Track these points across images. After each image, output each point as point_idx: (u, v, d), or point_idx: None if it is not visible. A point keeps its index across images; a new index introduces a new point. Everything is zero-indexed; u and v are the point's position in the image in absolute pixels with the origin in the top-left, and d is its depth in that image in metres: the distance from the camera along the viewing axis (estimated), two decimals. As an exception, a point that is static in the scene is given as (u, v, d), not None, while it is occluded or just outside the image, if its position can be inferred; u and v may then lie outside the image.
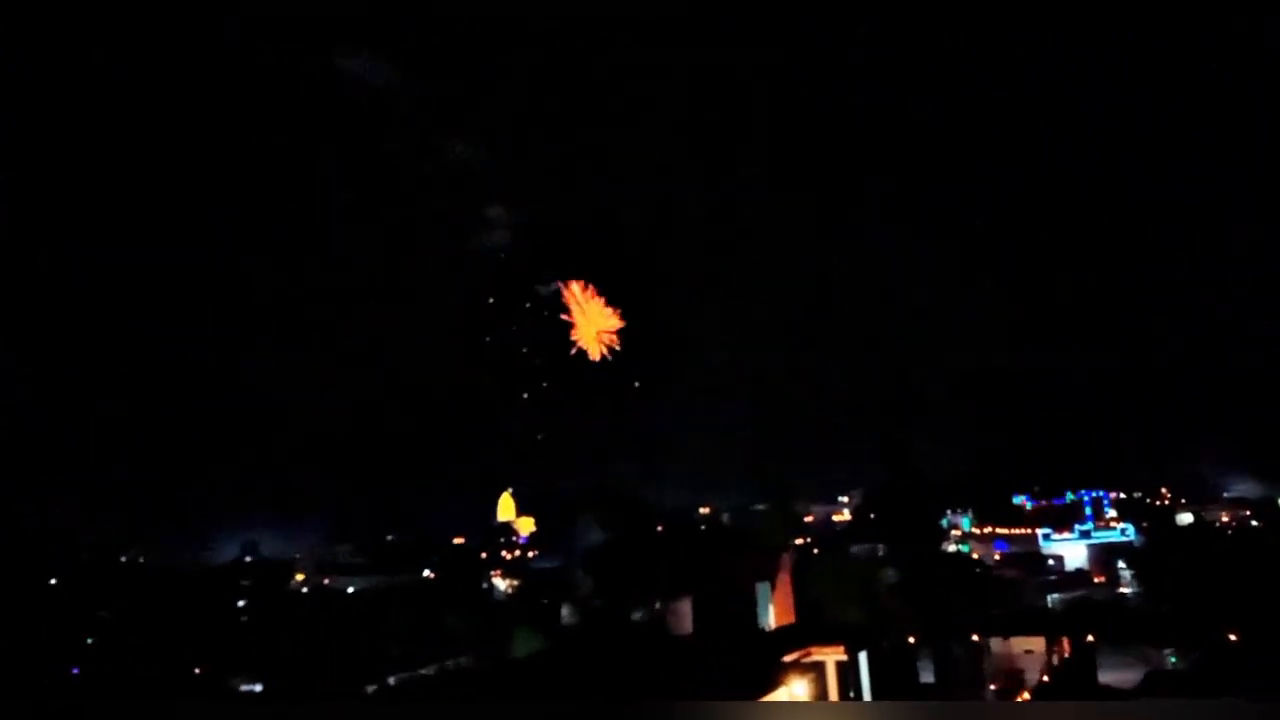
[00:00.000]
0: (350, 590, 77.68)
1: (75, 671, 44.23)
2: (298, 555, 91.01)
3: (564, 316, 64.48)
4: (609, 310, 66.30)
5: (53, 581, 57.44)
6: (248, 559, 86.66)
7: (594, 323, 65.13)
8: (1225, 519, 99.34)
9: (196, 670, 45.93)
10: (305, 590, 79.82)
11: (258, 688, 45.85)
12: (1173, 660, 47.57)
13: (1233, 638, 45.89)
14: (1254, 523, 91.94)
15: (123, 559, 69.31)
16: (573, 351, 63.63)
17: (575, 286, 62.06)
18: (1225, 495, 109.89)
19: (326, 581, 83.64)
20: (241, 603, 62.87)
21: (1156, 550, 72.72)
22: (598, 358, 63.05)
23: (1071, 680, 42.87)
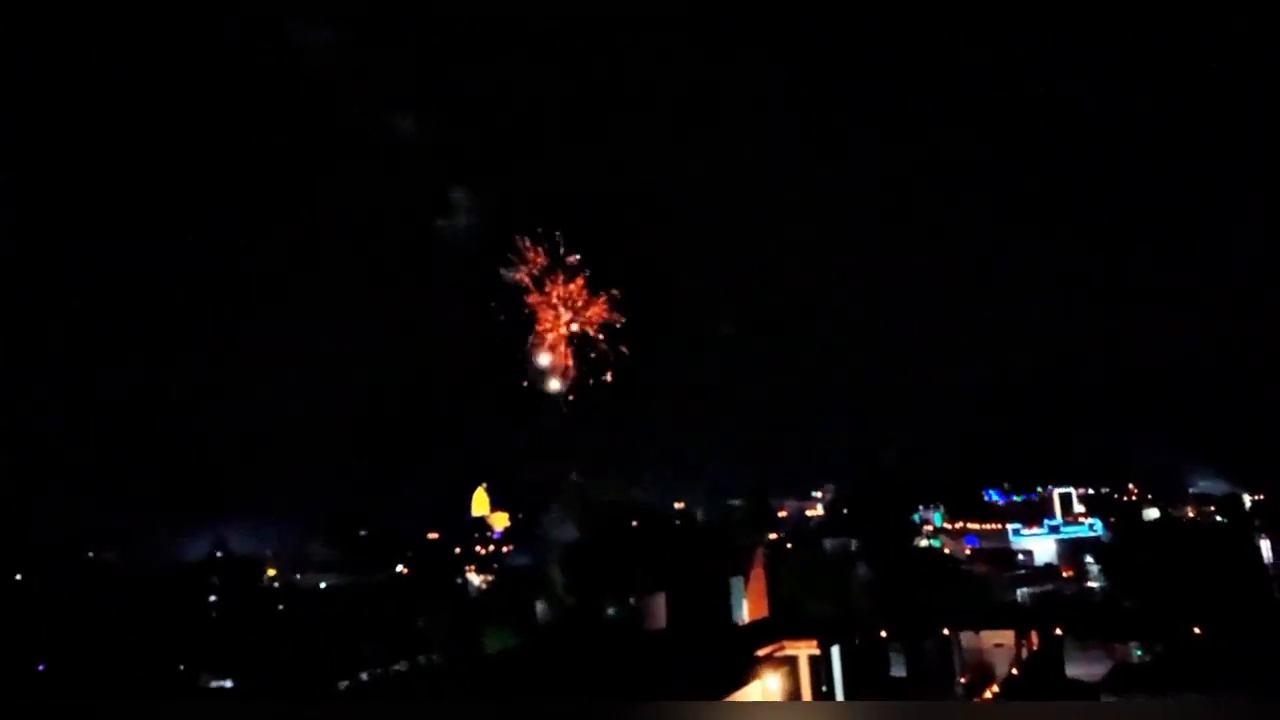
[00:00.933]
0: (323, 586, 77.19)
1: (41, 668, 43.62)
2: (269, 552, 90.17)
3: (530, 308, 63.01)
4: (589, 297, 64.90)
5: (18, 578, 56.61)
6: (218, 555, 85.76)
7: (568, 309, 63.53)
8: (1191, 515, 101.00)
9: (166, 666, 45.43)
10: (277, 587, 79.20)
11: (228, 684, 45.46)
12: (1138, 653, 48.29)
13: (1197, 631, 46.65)
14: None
15: (90, 555, 68.39)
16: (543, 347, 62.77)
17: (536, 258, 59.56)
18: (1191, 492, 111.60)
19: (298, 578, 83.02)
20: (212, 599, 62.33)
21: (1123, 545, 73.80)
22: (570, 361, 61.93)
23: (1040, 673, 43.35)
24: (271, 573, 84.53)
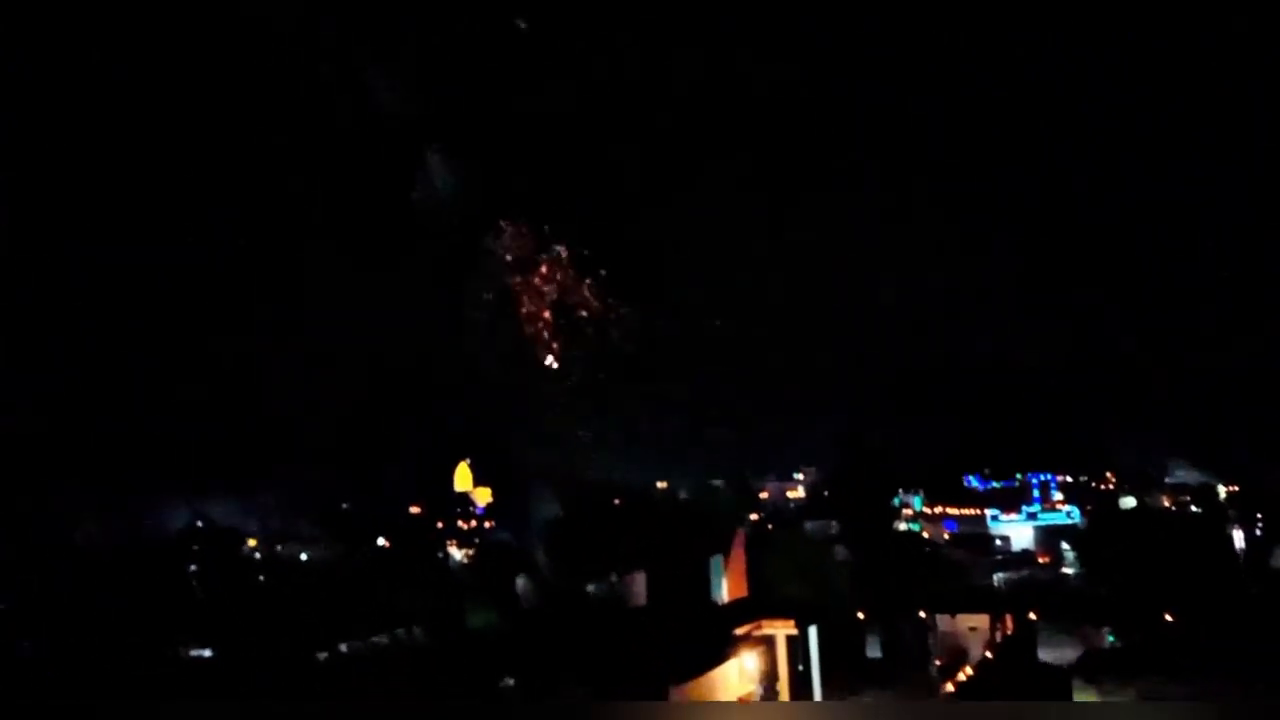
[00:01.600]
0: (303, 559, 77.28)
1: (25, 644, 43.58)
2: (250, 524, 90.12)
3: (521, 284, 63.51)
4: (574, 279, 65.39)
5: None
6: (198, 526, 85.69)
7: (552, 289, 64.10)
8: (1166, 504, 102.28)
9: (145, 636, 45.47)
10: (258, 558, 79.25)
11: (207, 653, 45.54)
12: (1110, 639, 49.07)
13: (1168, 618, 47.48)
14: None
15: (67, 527, 68.09)
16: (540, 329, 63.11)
17: (520, 239, 60.26)
18: (1167, 481, 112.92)
19: (279, 550, 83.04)
20: (192, 569, 62.36)
21: (1098, 532, 74.86)
22: (554, 342, 62.33)
23: (1013, 657, 44.04)
24: (252, 544, 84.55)
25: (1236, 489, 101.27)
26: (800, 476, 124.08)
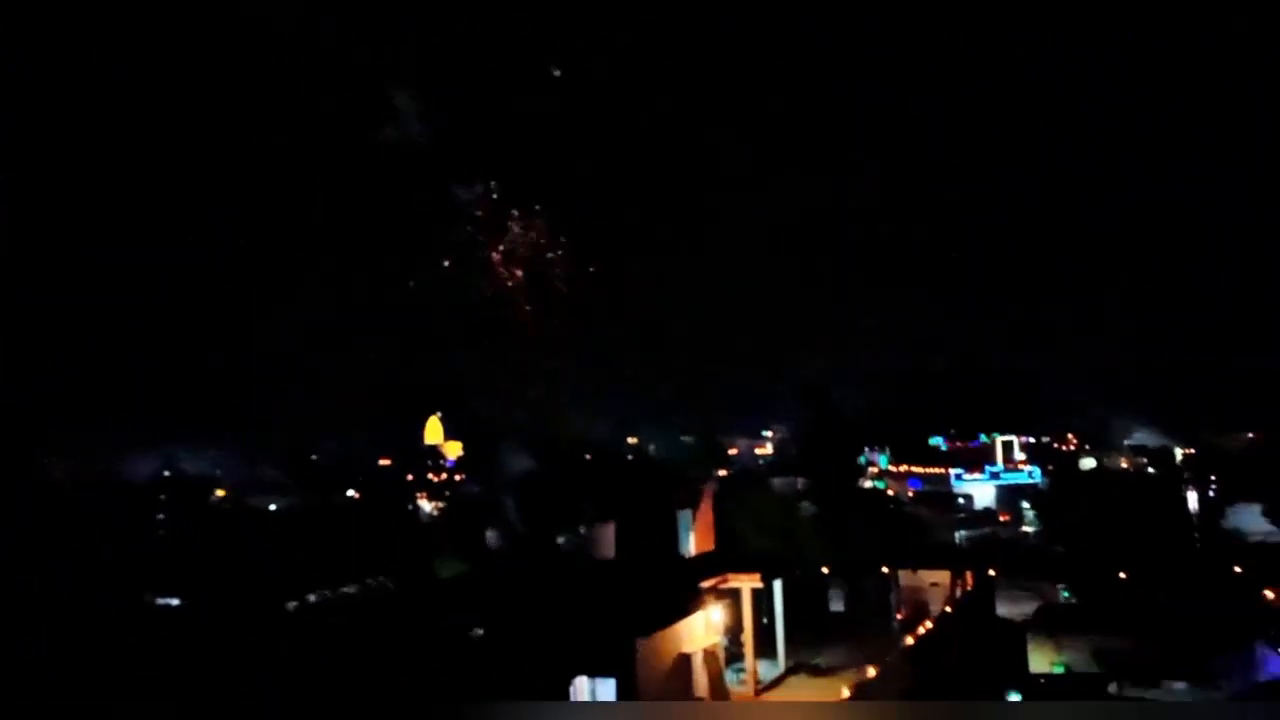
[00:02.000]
0: (272, 508, 77.15)
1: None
2: (219, 472, 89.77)
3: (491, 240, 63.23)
4: (545, 236, 65.27)
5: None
6: (167, 473, 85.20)
7: (524, 246, 63.95)
8: (1125, 465, 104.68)
9: (111, 584, 45.33)
10: (226, 507, 79.05)
11: (174, 602, 45.53)
12: (1065, 595, 50.41)
13: (1122, 576, 48.84)
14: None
15: (36, 470, 67.40)
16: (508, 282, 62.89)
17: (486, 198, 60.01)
18: (1126, 443, 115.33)
19: (248, 499, 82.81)
20: (160, 517, 62.13)
21: (1058, 492, 76.60)
22: (526, 299, 62.18)
23: (972, 611, 45.14)
24: (221, 493, 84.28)
25: (1192, 452, 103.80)
26: (769, 434, 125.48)
